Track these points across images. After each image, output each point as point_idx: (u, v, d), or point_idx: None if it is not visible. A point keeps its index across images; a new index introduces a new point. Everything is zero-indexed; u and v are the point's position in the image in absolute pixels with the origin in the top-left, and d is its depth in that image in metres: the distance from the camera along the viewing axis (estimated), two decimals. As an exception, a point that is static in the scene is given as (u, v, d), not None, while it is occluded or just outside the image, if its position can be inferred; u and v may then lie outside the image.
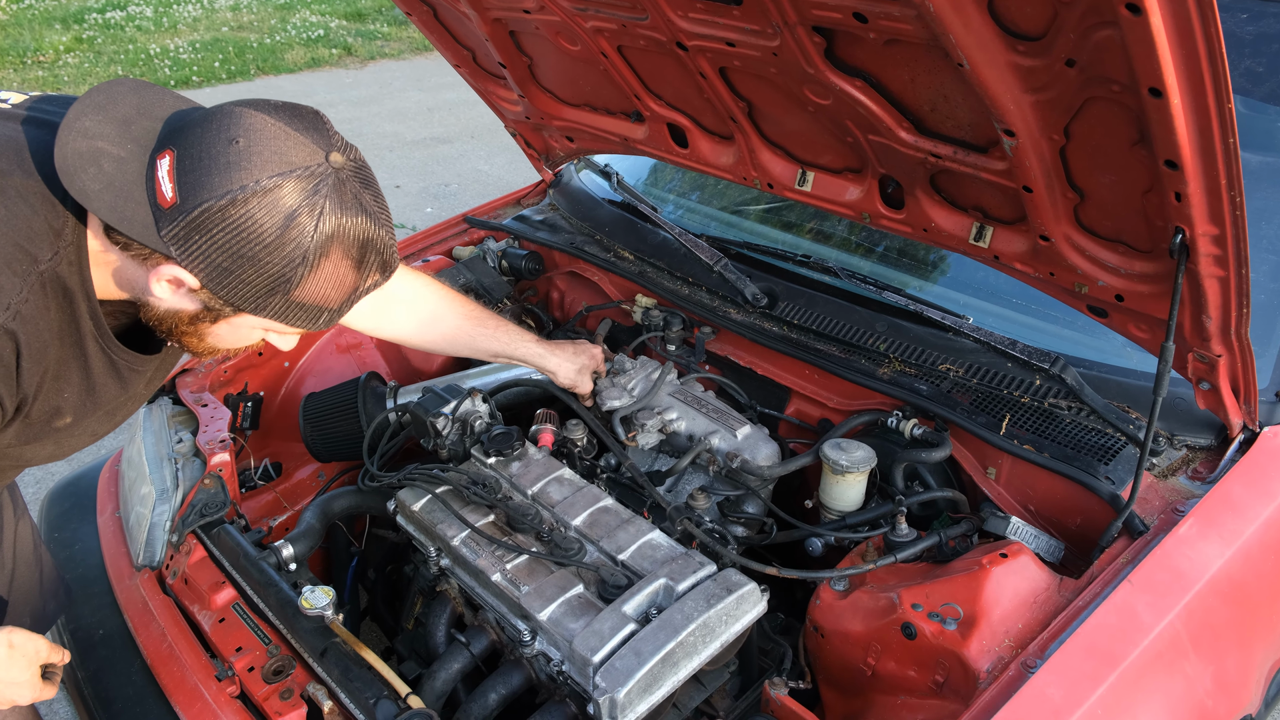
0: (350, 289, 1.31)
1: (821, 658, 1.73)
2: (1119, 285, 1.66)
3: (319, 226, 1.22)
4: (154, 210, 1.19)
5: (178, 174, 1.18)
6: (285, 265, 1.22)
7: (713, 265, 2.38)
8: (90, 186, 1.20)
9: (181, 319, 1.33)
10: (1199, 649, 1.52)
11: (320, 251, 1.23)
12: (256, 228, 1.18)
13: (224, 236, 1.18)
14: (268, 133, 1.20)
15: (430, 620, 1.86)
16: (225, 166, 1.17)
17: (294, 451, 2.49)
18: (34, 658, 1.54)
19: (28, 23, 11.18)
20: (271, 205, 1.18)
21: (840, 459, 1.85)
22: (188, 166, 1.18)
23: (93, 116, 1.23)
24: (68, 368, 1.36)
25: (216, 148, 1.18)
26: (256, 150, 1.18)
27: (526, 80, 2.55)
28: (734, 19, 1.75)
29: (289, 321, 1.32)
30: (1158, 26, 1.13)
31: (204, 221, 1.18)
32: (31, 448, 1.45)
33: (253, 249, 1.20)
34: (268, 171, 1.18)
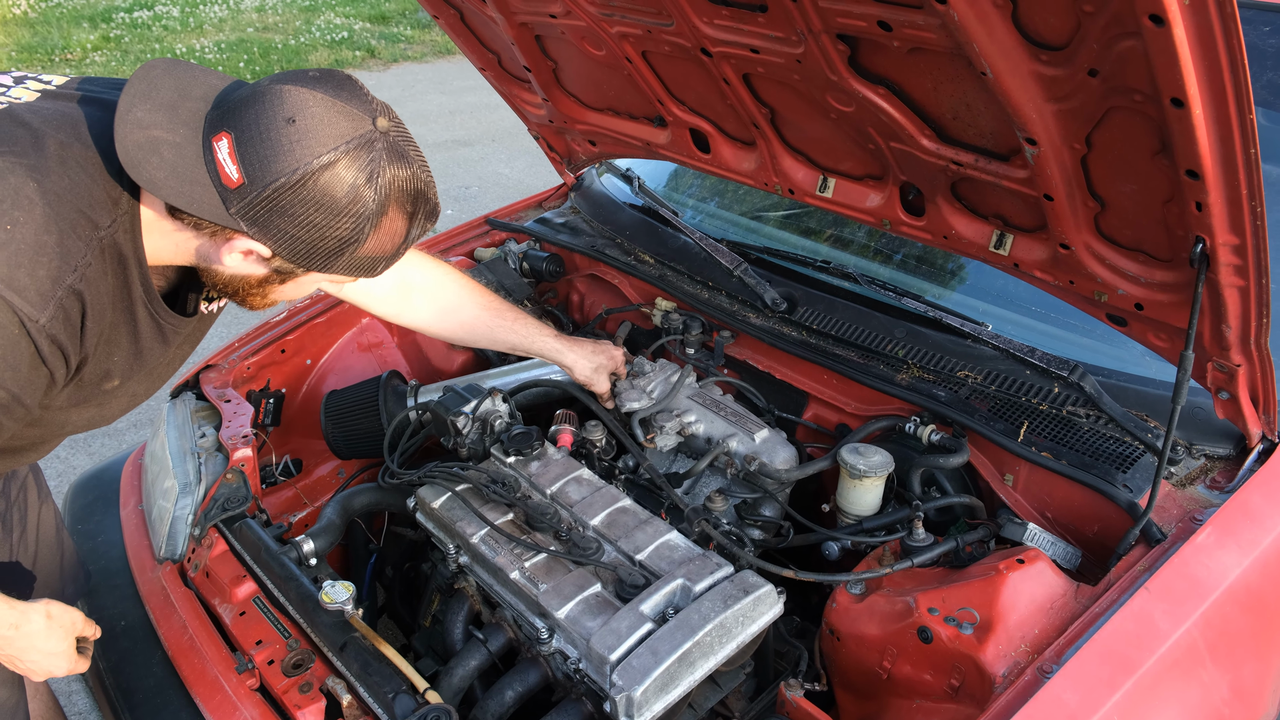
0: (404, 238, 1.42)
1: (837, 660, 1.74)
2: (1139, 294, 1.67)
3: (378, 190, 1.32)
4: (220, 190, 1.28)
5: (239, 156, 1.26)
6: (352, 229, 1.33)
7: (732, 270, 2.40)
8: (156, 175, 1.28)
9: (250, 282, 1.45)
10: (1216, 657, 1.52)
11: (380, 211, 1.34)
12: (324, 199, 1.29)
13: (295, 210, 1.29)
14: (318, 107, 1.28)
15: (448, 617, 1.88)
16: (288, 147, 1.26)
17: (314, 448, 2.52)
18: (70, 629, 1.62)
19: (56, 21, 11.31)
20: (335, 178, 1.28)
21: (858, 463, 1.86)
22: (248, 148, 1.26)
23: (142, 107, 1.30)
24: (118, 331, 1.43)
25: (274, 128, 1.26)
26: (312, 127, 1.27)
27: (551, 84, 2.57)
28: (759, 26, 1.76)
29: (351, 274, 1.43)
30: (1180, 38, 1.14)
31: (274, 199, 1.27)
32: (78, 410, 1.51)
33: (322, 218, 1.30)
34: (326, 146, 1.27)
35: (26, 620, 1.55)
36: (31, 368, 1.30)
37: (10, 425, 1.35)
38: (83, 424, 1.57)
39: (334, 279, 1.49)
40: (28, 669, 1.60)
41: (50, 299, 1.27)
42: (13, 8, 11.80)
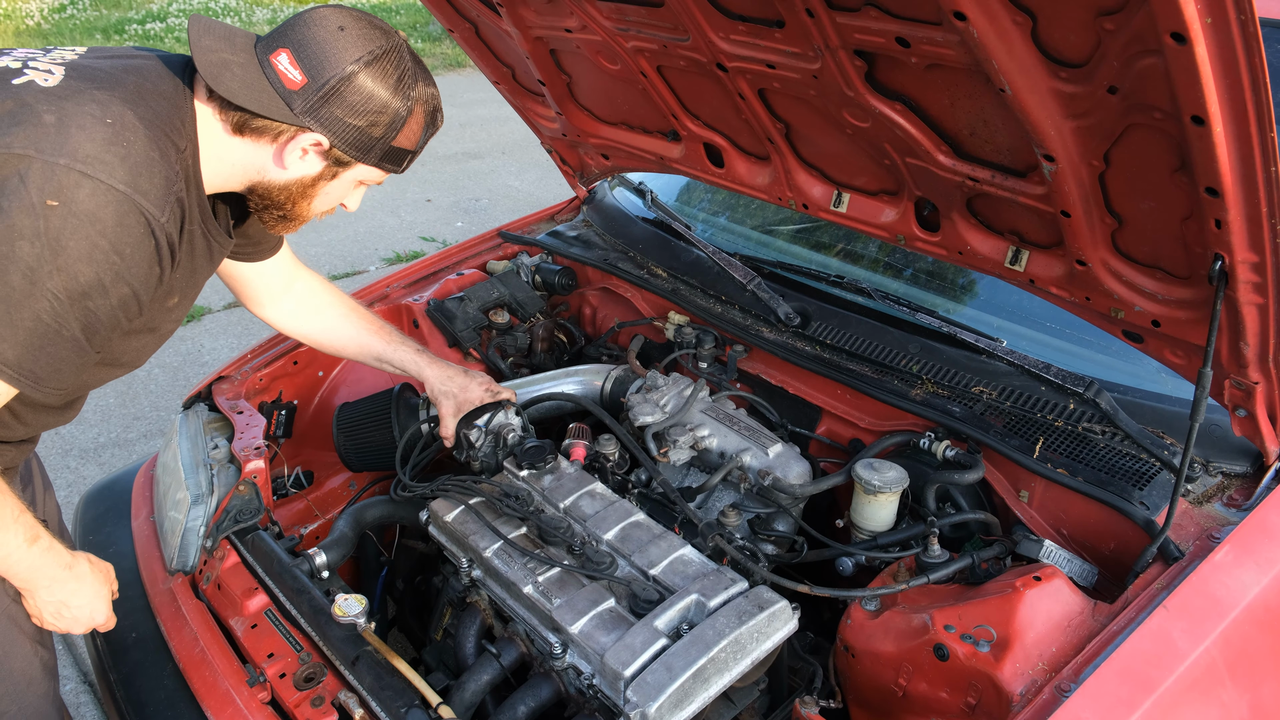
0: (422, 137, 1.66)
1: (852, 677, 1.73)
2: (1156, 311, 1.66)
3: (409, 89, 1.57)
4: (284, 95, 1.50)
5: (300, 61, 1.49)
6: (392, 118, 1.56)
7: (746, 284, 2.40)
8: (232, 86, 1.49)
9: (304, 184, 1.63)
10: (1235, 677, 1.51)
11: (411, 106, 1.58)
12: (373, 90, 1.53)
13: (351, 98, 1.52)
14: (361, 21, 1.54)
15: (460, 631, 1.87)
16: (342, 47, 1.50)
17: (326, 460, 2.52)
18: (108, 577, 1.76)
19: (69, 32, 11.41)
20: (382, 72, 1.53)
21: (873, 479, 1.85)
22: (307, 53, 1.49)
23: (207, 38, 1.51)
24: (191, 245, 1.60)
25: (328, 35, 1.50)
26: (360, 33, 1.52)
27: (565, 98, 2.58)
28: (776, 41, 1.77)
29: (385, 165, 1.64)
30: (1202, 56, 1.14)
31: (334, 90, 1.50)
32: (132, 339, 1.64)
33: (372, 105, 1.53)
34: (371, 47, 1.52)
35: (78, 561, 1.67)
36: (150, 265, 1.47)
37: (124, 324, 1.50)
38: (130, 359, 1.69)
39: (369, 176, 1.67)
40: (73, 616, 1.69)
41: (166, 203, 1.45)
42: (26, 19, 11.90)
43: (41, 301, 1.36)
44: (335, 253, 6.13)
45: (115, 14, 12.40)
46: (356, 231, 6.48)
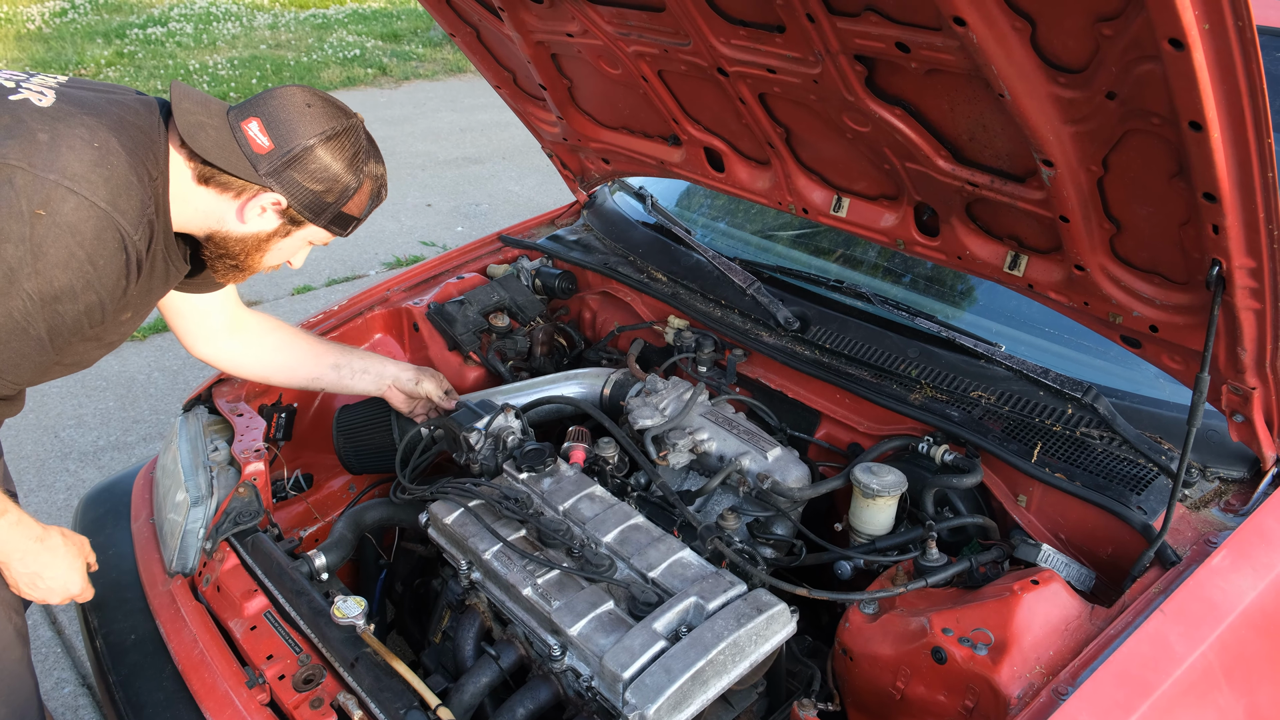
0: (368, 205, 1.84)
1: (850, 680, 1.73)
2: (1154, 316, 1.67)
3: (361, 164, 1.78)
4: (250, 158, 1.68)
5: (269, 130, 1.68)
6: (347, 187, 1.76)
7: (745, 288, 2.40)
8: (205, 144, 1.66)
9: (260, 238, 1.79)
10: (1232, 681, 1.51)
11: (364, 177, 1.79)
12: (329, 162, 1.72)
13: (310, 166, 1.71)
14: (325, 99, 1.75)
15: (459, 633, 1.87)
16: (307, 121, 1.70)
17: (326, 463, 2.52)
18: (82, 549, 1.86)
19: (70, 36, 11.41)
20: (339, 146, 1.73)
21: (871, 483, 1.86)
22: (275, 124, 1.68)
23: (186, 102, 1.69)
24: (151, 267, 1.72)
25: (295, 109, 1.70)
26: (322, 110, 1.72)
27: (566, 102, 2.59)
28: (776, 46, 1.78)
29: (333, 229, 1.82)
30: (1200, 62, 1.15)
31: (298, 157, 1.69)
32: (86, 345, 1.76)
33: (329, 173, 1.73)
34: (333, 124, 1.72)
35: (49, 535, 1.77)
36: (118, 278, 1.59)
37: (86, 330, 1.61)
38: (78, 360, 1.80)
39: (318, 237, 1.84)
40: (48, 587, 1.78)
41: (140, 223, 1.59)
42: (27, 23, 11.91)
43: (15, 300, 1.47)
44: (335, 257, 6.14)
45: (116, 18, 12.41)
46: (357, 236, 6.49)
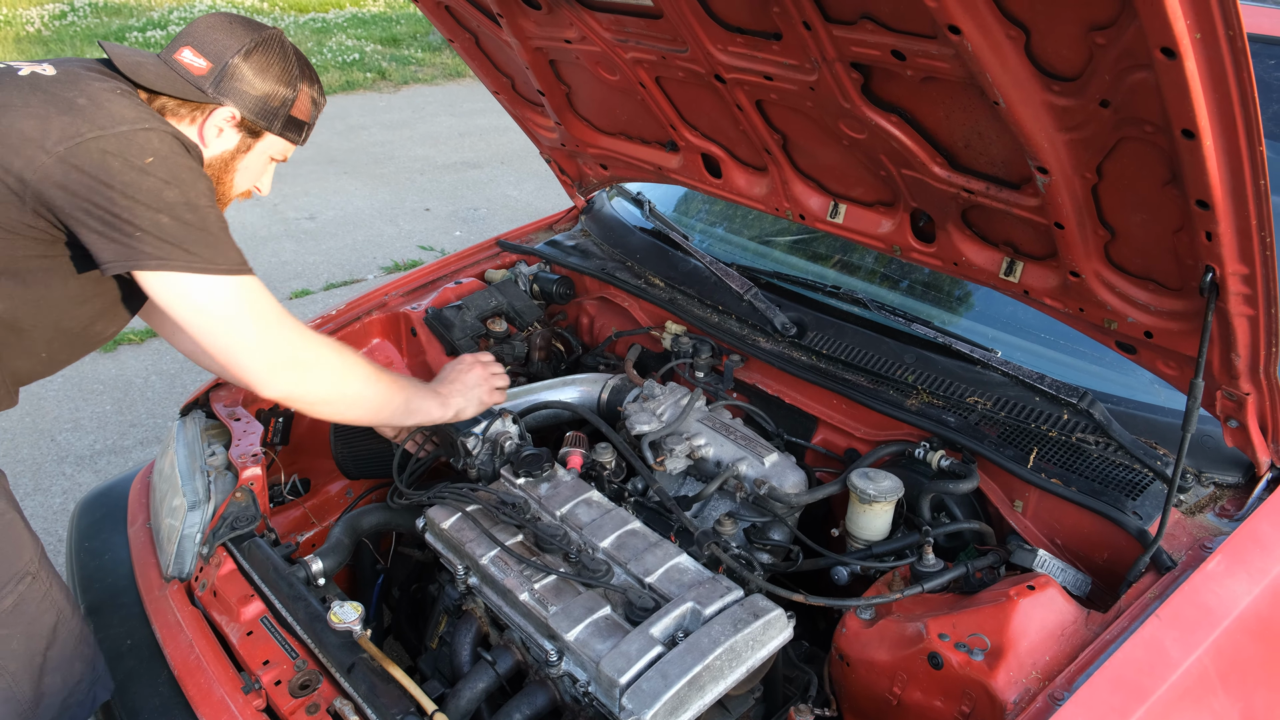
0: (313, 108, 1.93)
1: (847, 686, 1.73)
2: (1148, 322, 1.68)
3: (295, 63, 1.86)
4: (193, 81, 1.76)
5: (202, 51, 1.76)
6: (289, 86, 1.84)
7: (742, 294, 2.41)
8: (150, 77, 1.74)
9: (225, 159, 1.85)
10: (1227, 686, 1.51)
11: (299, 79, 1.86)
12: (269, 63, 1.81)
13: (250, 72, 1.79)
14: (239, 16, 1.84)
15: (456, 639, 1.87)
16: (234, 35, 1.78)
17: (323, 468, 2.52)
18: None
19: (69, 39, 11.43)
20: (269, 50, 1.81)
21: (868, 488, 1.86)
22: (205, 46, 1.76)
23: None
24: None
25: (219, 29, 1.78)
26: (242, 24, 1.81)
27: (564, 108, 2.60)
28: (773, 53, 1.79)
29: (288, 135, 1.89)
30: (1192, 71, 1.15)
31: (235, 68, 1.77)
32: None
33: (270, 75, 1.81)
34: (257, 33, 1.80)
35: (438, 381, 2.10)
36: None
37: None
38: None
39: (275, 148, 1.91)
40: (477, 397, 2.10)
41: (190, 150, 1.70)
42: (26, 25, 11.93)
43: (209, 213, 1.64)
44: (334, 261, 6.14)
45: (116, 21, 12.43)
46: (355, 240, 6.50)
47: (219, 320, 1.65)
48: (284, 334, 1.73)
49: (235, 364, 1.69)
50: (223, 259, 1.63)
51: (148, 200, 1.56)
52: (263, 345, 1.70)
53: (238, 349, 1.68)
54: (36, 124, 1.55)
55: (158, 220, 1.57)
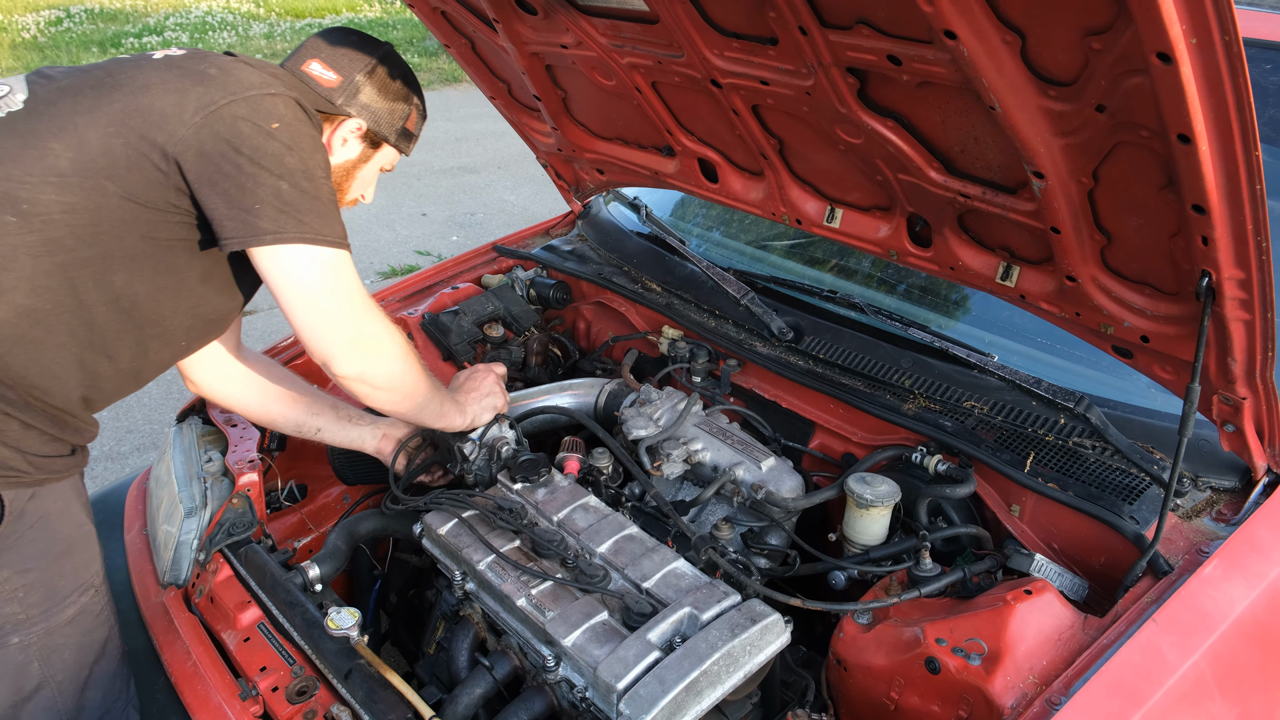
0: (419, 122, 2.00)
1: (844, 691, 1.73)
2: (1145, 327, 1.68)
3: (411, 78, 1.96)
4: (324, 93, 1.83)
5: (331, 65, 1.84)
6: (406, 99, 1.94)
7: (739, 298, 2.41)
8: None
9: (347, 167, 1.93)
10: (1224, 690, 1.51)
11: (414, 91, 1.96)
12: (390, 79, 1.90)
13: (376, 88, 1.87)
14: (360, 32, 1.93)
15: (453, 644, 1.87)
16: (359, 51, 1.86)
17: (320, 474, 2.52)
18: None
19: (65, 45, 11.44)
20: (390, 67, 1.90)
21: (865, 493, 1.86)
22: (333, 60, 1.84)
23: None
24: None
25: (346, 43, 1.87)
26: (364, 40, 1.90)
27: (560, 113, 2.60)
28: (769, 58, 1.79)
29: (400, 146, 1.97)
30: (1188, 75, 1.16)
31: (363, 83, 1.86)
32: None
33: (390, 91, 1.90)
34: (379, 49, 1.89)
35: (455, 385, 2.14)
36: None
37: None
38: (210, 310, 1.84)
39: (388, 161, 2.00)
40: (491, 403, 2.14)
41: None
42: (22, 32, 11.92)
43: (323, 185, 1.67)
44: (330, 266, 6.13)
45: (111, 27, 12.43)
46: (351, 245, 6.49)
47: (312, 291, 1.66)
48: (368, 316, 1.75)
49: (317, 336, 1.69)
50: (329, 231, 1.65)
51: (271, 166, 1.59)
52: (348, 323, 1.71)
53: (324, 323, 1.69)
54: (175, 99, 1.59)
55: (278, 187, 1.59)
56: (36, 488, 1.63)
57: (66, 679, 1.70)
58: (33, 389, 1.60)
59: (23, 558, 1.62)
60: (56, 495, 1.68)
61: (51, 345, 1.59)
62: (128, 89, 1.61)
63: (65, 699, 1.70)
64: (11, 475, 1.59)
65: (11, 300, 1.53)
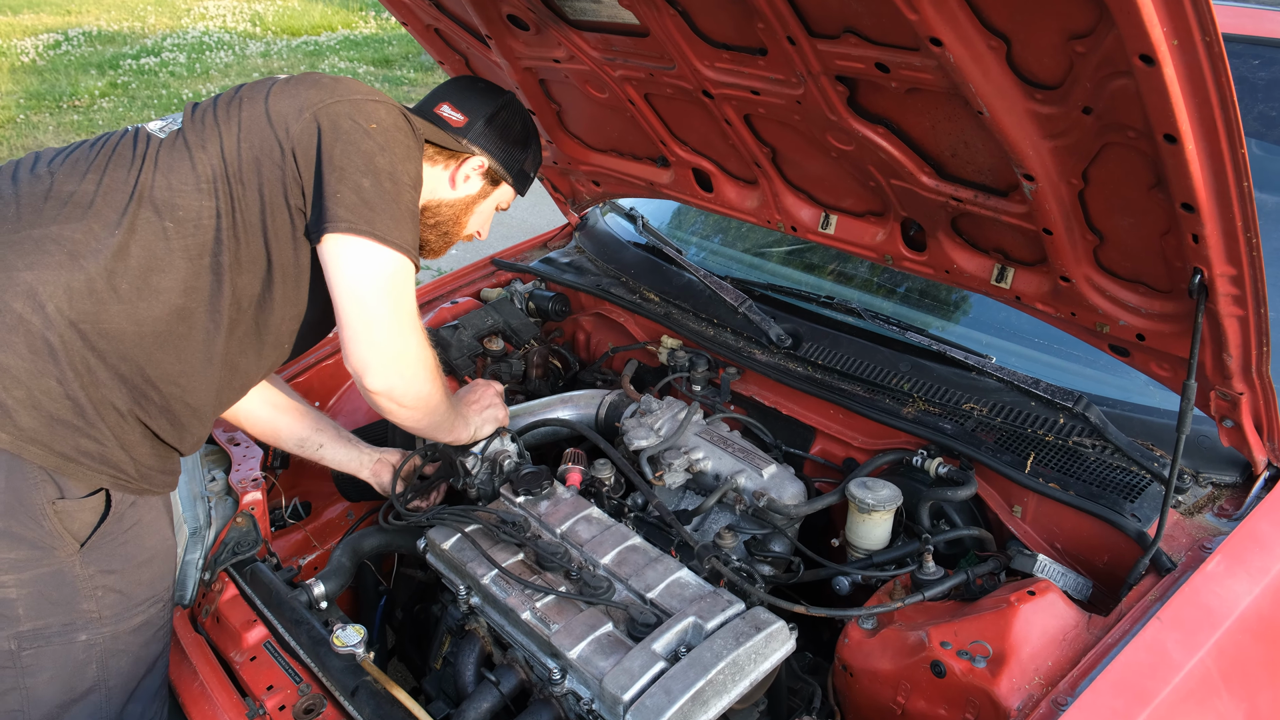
0: (538, 165, 2.12)
1: (851, 697, 1.73)
2: (1140, 325, 1.68)
3: (532, 122, 2.08)
4: (452, 132, 1.95)
5: (459, 108, 1.96)
6: (525, 143, 2.05)
7: (737, 307, 2.42)
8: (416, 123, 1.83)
9: (466, 202, 2.02)
10: (1230, 686, 1.51)
11: (534, 134, 2.08)
12: (511, 123, 2.02)
13: (500, 129, 1.99)
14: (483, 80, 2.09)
15: (459, 659, 1.87)
16: (485, 96, 2.01)
17: (323, 490, 2.52)
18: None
19: (64, 68, 11.48)
20: (512, 112, 2.02)
21: (867, 497, 1.86)
22: (461, 103, 1.97)
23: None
24: None
25: (474, 89, 2.02)
26: (488, 86, 2.05)
27: (555, 127, 2.61)
28: (759, 68, 1.80)
29: (518, 186, 2.08)
30: (1171, 76, 1.17)
31: (488, 124, 1.97)
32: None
33: (511, 134, 2.01)
34: (503, 95, 2.03)
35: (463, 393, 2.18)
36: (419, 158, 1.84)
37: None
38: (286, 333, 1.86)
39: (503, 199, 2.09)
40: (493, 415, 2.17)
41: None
42: (21, 55, 11.98)
43: (406, 193, 1.73)
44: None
45: (110, 49, 12.49)
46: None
47: (366, 291, 1.69)
48: (412, 332, 1.77)
49: (358, 341, 1.71)
50: (398, 235, 1.69)
51: (360, 162, 1.67)
52: (392, 333, 1.73)
53: (368, 326, 1.70)
54: (291, 101, 1.72)
55: (360, 184, 1.66)
56: (137, 496, 1.69)
57: (117, 687, 1.72)
58: (174, 385, 1.69)
59: (110, 558, 1.66)
60: (152, 505, 1.75)
61: (195, 342, 1.69)
62: (256, 100, 1.74)
63: (111, 707, 1.72)
64: (121, 479, 1.65)
65: (168, 300, 1.64)
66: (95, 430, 1.61)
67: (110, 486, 1.64)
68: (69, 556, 1.60)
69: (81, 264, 1.58)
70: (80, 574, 1.62)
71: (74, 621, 1.63)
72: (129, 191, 1.64)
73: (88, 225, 1.61)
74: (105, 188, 1.64)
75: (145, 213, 1.63)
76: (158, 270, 1.63)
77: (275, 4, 15.42)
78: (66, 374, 1.57)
